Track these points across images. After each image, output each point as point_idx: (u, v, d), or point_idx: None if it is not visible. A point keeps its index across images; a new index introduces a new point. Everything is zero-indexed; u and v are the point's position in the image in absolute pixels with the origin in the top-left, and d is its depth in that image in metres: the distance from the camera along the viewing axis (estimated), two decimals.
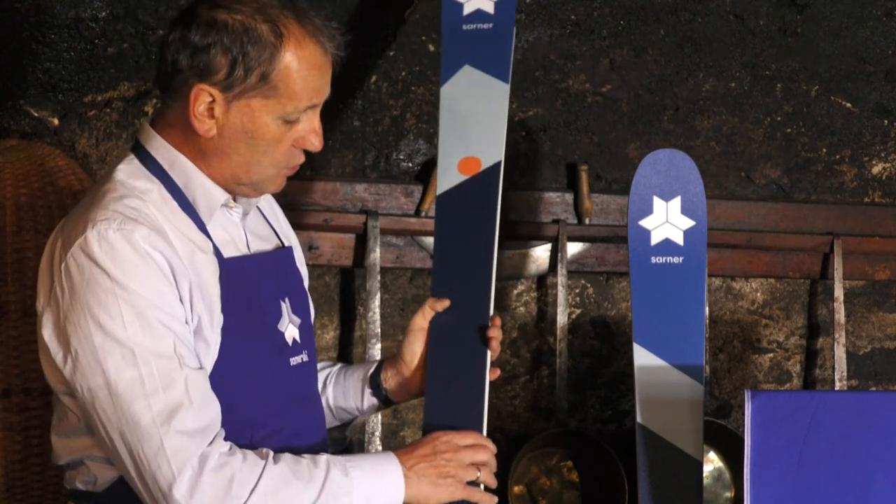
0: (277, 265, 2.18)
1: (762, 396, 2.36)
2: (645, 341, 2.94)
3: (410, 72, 3.27)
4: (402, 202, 3.27)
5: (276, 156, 2.03)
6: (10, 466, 2.56)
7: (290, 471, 1.94)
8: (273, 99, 1.98)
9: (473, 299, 2.35)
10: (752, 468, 2.35)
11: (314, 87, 2.01)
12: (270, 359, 2.08)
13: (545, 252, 3.39)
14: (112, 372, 1.88)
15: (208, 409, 1.93)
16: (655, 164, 3.01)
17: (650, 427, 2.92)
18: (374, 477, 2.00)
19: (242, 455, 1.93)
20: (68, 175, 2.69)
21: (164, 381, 1.89)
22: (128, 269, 1.89)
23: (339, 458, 2.00)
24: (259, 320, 2.07)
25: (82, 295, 1.90)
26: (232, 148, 2.00)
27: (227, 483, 1.89)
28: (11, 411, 2.55)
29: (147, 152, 2.04)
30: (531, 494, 3.37)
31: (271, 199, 2.32)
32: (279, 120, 2.00)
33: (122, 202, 1.96)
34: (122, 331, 1.88)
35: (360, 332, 3.29)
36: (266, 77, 1.96)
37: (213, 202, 2.05)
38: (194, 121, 1.98)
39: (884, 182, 3.63)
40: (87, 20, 3.02)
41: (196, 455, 1.88)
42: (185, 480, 1.87)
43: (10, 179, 2.62)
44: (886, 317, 3.70)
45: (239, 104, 1.98)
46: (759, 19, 3.46)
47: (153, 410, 1.88)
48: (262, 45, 1.95)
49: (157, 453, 1.87)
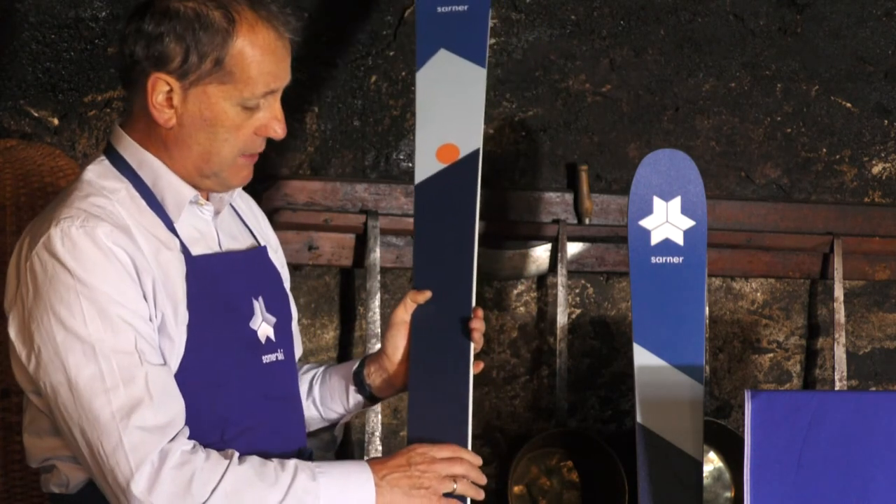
0: (250, 264, 2.17)
1: (762, 396, 2.36)
2: (645, 341, 2.94)
3: (410, 72, 3.27)
4: (402, 202, 3.27)
5: (237, 143, 2.03)
6: (10, 466, 2.56)
7: (255, 472, 1.93)
8: (229, 84, 1.98)
9: (455, 291, 2.32)
10: (752, 468, 2.35)
11: (270, 72, 2.01)
12: (241, 356, 2.07)
13: (545, 252, 3.39)
14: (73, 368, 1.89)
15: (170, 405, 1.93)
16: (655, 164, 3.01)
17: (650, 427, 2.92)
18: (342, 483, 1.99)
19: (206, 454, 1.92)
20: (68, 175, 2.69)
21: (125, 376, 1.89)
22: (90, 265, 1.90)
23: (308, 463, 1.99)
24: (228, 317, 2.06)
25: (45, 292, 1.91)
26: (192, 137, 2.01)
27: (187, 480, 1.88)
28: (11, 411, 2.55)
29: (117, 153, 2.06)
30: (531, 494, 3.37)
31: (251, 202, 2.32)
32: (237, 106, 2.00)
33: (87, 200, 1.97)
34: (83, 327, 1.89)
35: (360, 332, 3.29)
36: (220, 62, 1.97)
37: (181, 199, 2.05)
38: (154, 111, 1.99)
39: (884, 182, 3.63)
40: (87, 20, 3.02)
41: (156, 451, 1.88)
42: (144, 476, 1.87)
43: (10, 179, 2.62)
44: (886, 317, 3.70)
45: (196, 92, 1.99)
46: (759, 19, 3.46)
47: (113, 406, 1.88)
48: (214, 31, 1.97)
49: (116, 449, 1.87)
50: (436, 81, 2.53)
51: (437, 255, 2.37)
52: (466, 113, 2.47)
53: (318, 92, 3.20)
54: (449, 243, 2.37)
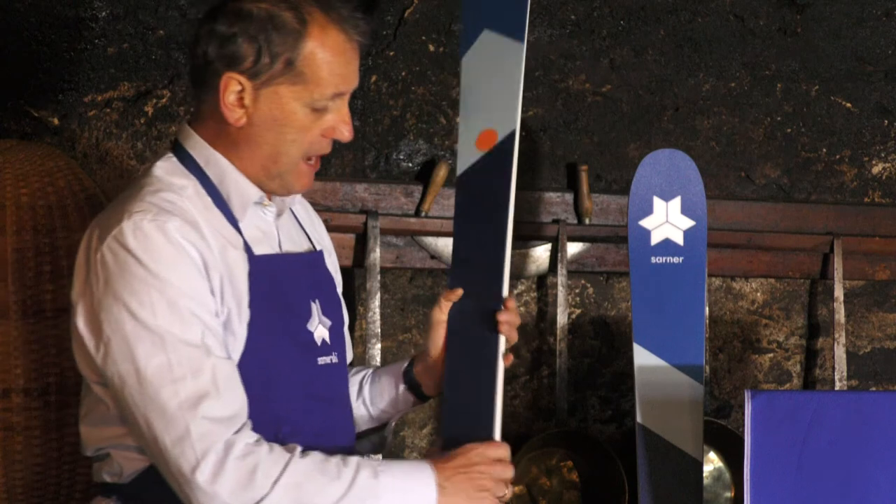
0: (308, 267, 2.20)
1: (762, 396, 2.36)
2: (645, 341, 2.94)
3: (410, 72, 3.27)
4: (402, 202, 3.27)
5: (304, 144, 2.06)
6: (10, 466, 2.56)
7: (317, 467, 1.94)
8: (300, 85, 2.02)
9: (487, 285, 2.28)
10: (752, 468, 2.35)
11: (340, 74, 2.05)
12: (297, 357, 2.09)
13: (545, 252, 3.39)
14: (142, 358, 1.91)
15: (235, 398, 1.95)
16: (655, 164, 3.01)
17: (650, 427, 2.92)
18: (404, 483, 1.99)
19: (269, 447, 1.94)
20: (68, 175, 2.69)
21: (192, 368, 1.91)
22: (161, 258, 1.93)
23: (370, 461, 1.99)
24: (287, 318, 2.09)
25: (116, 283, 1.93)
26: (262, 136, 2.04)
27: (250, 471, 1.90)
28: (11, 411, 2.55)
29: (185, 150, 2.09)
30: (531, 494, 3.37)
31: (309, 207, 2.35)
32: (307, 108, 2.03)
33: (158, 195, 2.00)
34: (152, 318, 1.91)
35: (360, 332, 3.29)
36: (291, 63, 2.00)
37: (247, 199, 2.08)
38: (225, 110, 2.02)
39: (884, 182, 3.63)
40: (87, 20, 3.02)
41: (221, 441, 1.90)
42: (209, 465, 1.89)
43: (10, 179, 2.62)
44: (886, 317, 3.70)
45: (267, 92, 2.02)
46: (759, 19, 3.46)
47: (180, 396, 1.90)
48: (286, 32, 2.00)
49: (183, 438, 1.89)
50: (480, 64, 2.44)
51: (471, 249, 2.33)
52: (506, 93, 2.38)
53: None
54: (482, 236, 2.32)
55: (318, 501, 1.93)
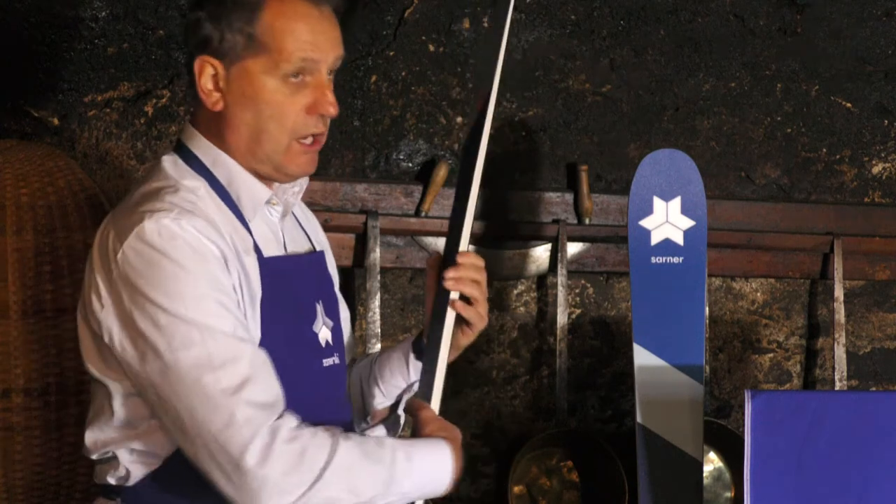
0: (312, 267, 2.19)
1: (762, 396, 2.36)
2: (645, 341, 2.94)
3: (410, 72, 3.27)
4: (402, 202, 3.27)
5: (285, 121, 2.03)
6: (10, 466, 2.56)
7: (361, 450, 1.95)
8: (264, 56, 2.00)
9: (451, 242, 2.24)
10: (752, 468, 2.35)
11: (306, 41, 2.01)
12: (305, 359, 2.09)
13: (545, 252, 3.39)
14: (180, 350, 1.90)
15: (273, 384, 1.95)
16: (655, 164, 3.01)
17: (650, 427, 2.92)
18: (429, 464, 2.02)
19: (312, 431, 1.93)
20: (68, 175, 2.69)
21: (230, 356, 1.91)
22: (187, 254, 1.92)
23: (401, 442, 2.02)
24: (295, 320, 2.09)
25: (144, 281, 1.92)
26: (238, 117, 2.02)
27: (299, 455, 1.89)
28: (11, 411, 2.55)
29: (189, 151, 2.08)
30: (531, 494, 3.37)
31: (305, 208, 2.34)
32: (278, 80, 2.01)
33: (178, 195, 1.99)
34: (184, 310, 1.91)
35: (360, 332, 3.29)
36: (252, 36, 1.99)
37: (258, 199, 2.07)
38: (202, 95, 2.02)
39: (884, 182, 3.63)
40: (87, 20, 3.02)
41: (266, 425, 1.89)
42: (258, 448, 1.88)
43: (10, 179, 2.62)
44: (886, 317, 3.70)
45: (236, 70, 2.01)
46: (759, 19, 3.46)
47: (222, 384, 1.89)
48: (242, 5, 2.00)
49: (228, 424, 1.88)
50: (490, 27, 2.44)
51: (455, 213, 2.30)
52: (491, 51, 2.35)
53: None
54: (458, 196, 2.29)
55: (367, 484, 1.94)
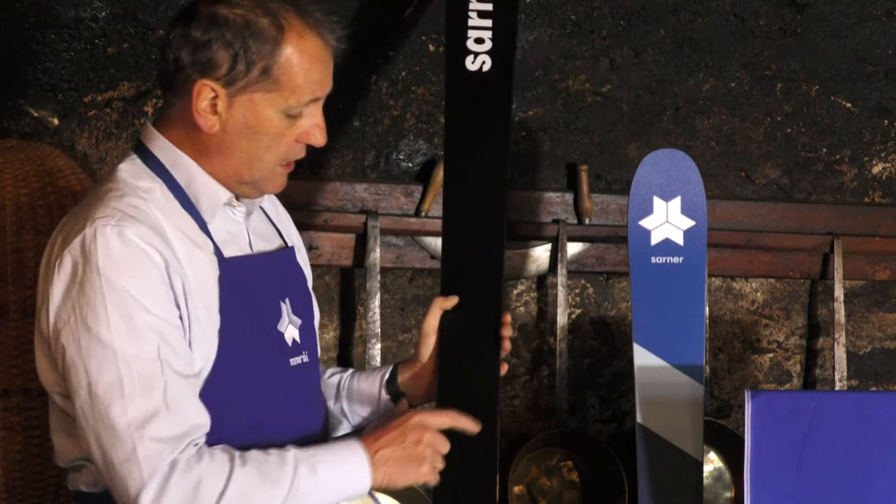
0: (279, 265, 2.17)
1: (762, 396, 2.36)
2: (645, 341, 2.94)
3: (410, 72, 3.27)
4: (402, 202, 3.27)
5: (279, 150, 2.02)
6: (10, 466, 2.56)
7: (258, 472, 1.93)
8: (275, 93, 1.98)
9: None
10: (752, 468, 2.35)
11: (316, 80, 2.01)
12: (270, 359, 2.07)
13: (545, 252, 3.39)
14: (94, 373, 1.88)
15: (187, 416, 1.92)
16: (655, 164, 3.01)
17: (650, 427, 2.92)
18: (339, 469, 1.99)
19: (209, 456, 1.91)
20: (68, 175, 2.69)
21: (144, 385, 1.88)
22: (121, 267, 1.89)
23: (305, 454, 1.98)
24: (259, 321, 2.06)
25: (74, 293, 1.90)
26: (235, 144, 2.00)
27: (193, 487, 1.88)
28: (11, 411, 2.55)
29: (150, 152, 2.04)
30: (531, 494, 3.37)
31: (276, 201, 2.31)
32: (282, 114, 2.00)
33: (122, 200, 1.96)
34: (106, 332, 1.88)
35: (360, 332, 3.29)
36: (268, 71, 1.97)
37: (216, 201, 2.04)
38: (198, 117, 1.98)
39: (884, 182, 3.63)
40: (87, 20, 3.02)
41: (167, 461, 1.88)
42: (154, 486, 1.87)
43: (10, 179, 2.62)
44: (886, 317, 3.70)
45: (242, 99, 1.98)
46: (759, 19, 3.46)
47: (128, 415, 1.87)
48: (263, 39, 1.96)
49: (130, 458, 1.87)
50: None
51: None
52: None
53: None
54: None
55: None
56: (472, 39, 2.58)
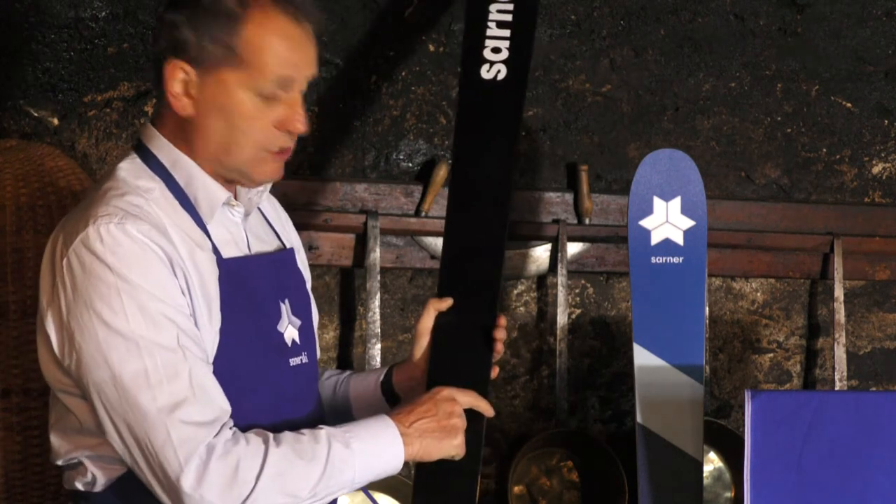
0: (277, 266, 2.17)
1: (762, 396, 2.36)
2: (645, 341, 2.94)
3: (410, 72, 3.27)
4: (402, 202, 3.27)
5: (255, 135, 2.01)
6: (10, 466, 2.56)
7: (293, 451, 1.94)
8: (243, 72, 1.97)
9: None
10: (752, 468, 2.35)
11: (286, 60, 1.99)
12: (270, 360, 2.07)
13: (545, 252, 3.39)
14: (117, 365, 1.89)
15: (215, 400, 1.93)
16: (655, 164, 3.01)
17: (650, 427, 2.92)
18: (372, 444, 2.00)
19: (245, 440, 1.93)
20: (68, 175, 2.69)
21: (169, 373, 1.89)
22: (130, 262, 1.90)
23: (338, 431, 1.99)
24: (258, 321, 2.07)
25: (84, 290, 1.90)
26: (210, 126, 2.00)
27: (233, 470, 1.89)
28: (11, 411, 2.55)
29: (149, 151, 2.05)
30: (531, 494, 3.37)
31: (276, 204, 2.32)
32: (254, 96, 1.99)
33: (124, 199, 1.96)
34: (125, 324, 1.89)
35: (360, 332, 3.29)
36: (232, 48, 1.97)
37: (215, 201, 2.04)
38: (171, 99, 1.99)
39: (884, 182, 3.63)
40: (87, 20, 3.02)
41: (203, 445, 1.89)
42: (193, 469, 1.88)
43: (10, 179, 2.62)
44: (886, 317, 3.70)
45: (212, 79, 1.98)
46: (759, 19, 3.46)
47: (158, 402, 1.88)
48: (225, 16, 1.96)
49: (165, 444, 1.88)
50: None
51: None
52: None
53: (318, 92, 3.20)
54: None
55: (302, 486, 1.93)
56: (490, 49, 2.60)
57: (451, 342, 2.27)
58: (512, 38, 2.60)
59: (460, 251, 2.40)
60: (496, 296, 2.33)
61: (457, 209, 2.45)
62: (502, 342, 2.31)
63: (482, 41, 2.61)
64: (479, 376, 2.26)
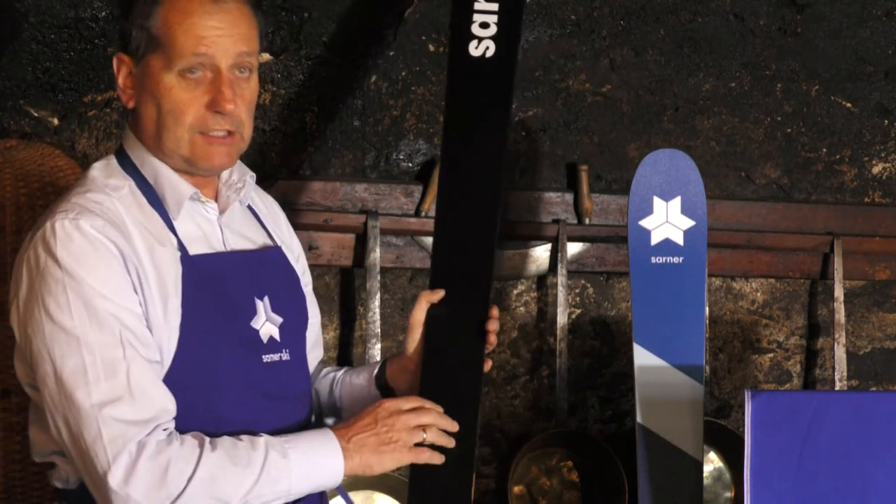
0: (258, 264, 2.17)
1: (762, 396, 2.36)
2: (645, 341, 2.94)
3: (410, 72, 3.27)
4: (402, 202, 3.27)
5: (183, 118, 2.02)
6: (9, 466, 2.56)
7: (228, 456, 1.95)
8: (162, 53, 2.01)
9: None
10: (752, 468, 2.35)
11: (197, 36, 2.00)
12: (238, 354, 2.07)
13: (545, 252, 3.39)
14: (58, 360, 1.92)
15: (152, 400, 1.94)
16: (655, 164, 3.01)
17: (650, 427, 2.92)
18: (311, 455, 2.01)
19: (179, 441, 1.94)
20: (68, 175, 2.69)
21: (107, 370, 1.91)
22: (79, 258, 1.93)
23: (277, 440, 2.00)
24: (226, 316, 2.07)
25: (37, 285, 1.94)
26: (145, 113, 2.04)
27: (162, 470, 1.90)
28: (11, 411, 2.56)
29: (125, 152, 2.10)
30: (531, 494, 3.37)
31: (271, 203, 2.32)
32: (174, 76, 2.01)
33: (84, 196, 2.00)
34: (68, 320, 1.91)
35: (360, 332, 3.29)
36: (149, 31, 2.01)
37: (180, 197, 2.06)
38: (120, 93, 2.05)
39: (884, 182, 3.63)
40: (87, 20, 3.02)
41: (133, 443, 1.90)
42: (121, 468, 1.89)
43: (9, 179, 2.62)
44: (886, 317, 3.70)
45: (142, 66, 2.03)
46: (759, 19, 3.46)
47: (93, 398, 1.90)
48: (146, 2, 2.01)
49: (96, 440, 1.89)
50: None
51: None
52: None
53: (318, 92, 3.20)
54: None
55: (233, 492, 1.93)
56: (478, 24, 2.55)
57: (444, 334, 2.26)
58: (500, 13, 2.55)
59: (452, 240, 2.37)
60: (489, 286, 2.32)
61: (448, 193, 2.41)
62: (495, 334, 2.30)
63: (470, 15, 2.57)
64: (472, 368, 2.26)
